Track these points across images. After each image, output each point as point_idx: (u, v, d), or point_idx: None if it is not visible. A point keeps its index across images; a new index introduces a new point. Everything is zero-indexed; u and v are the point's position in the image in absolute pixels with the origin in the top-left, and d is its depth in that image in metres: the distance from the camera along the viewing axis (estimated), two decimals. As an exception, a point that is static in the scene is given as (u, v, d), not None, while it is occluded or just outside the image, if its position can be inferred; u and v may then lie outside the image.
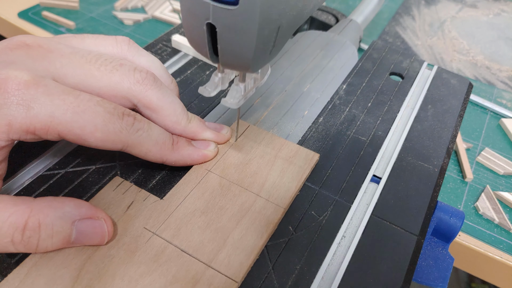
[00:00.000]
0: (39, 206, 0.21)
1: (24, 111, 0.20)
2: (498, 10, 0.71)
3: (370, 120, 0.33)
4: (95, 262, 0.21)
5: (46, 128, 0.21)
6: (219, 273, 0.21)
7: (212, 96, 0.25)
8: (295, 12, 0.21)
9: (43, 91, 0.21)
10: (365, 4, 0.56)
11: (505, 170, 0.44)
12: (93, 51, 0.25)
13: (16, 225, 0.20)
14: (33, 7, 0.63)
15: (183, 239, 0.23)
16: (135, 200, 0.24)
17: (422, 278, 0.26)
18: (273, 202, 0.25)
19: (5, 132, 0.20)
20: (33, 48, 0.23)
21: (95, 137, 0.22)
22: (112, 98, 0.24)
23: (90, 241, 0.22)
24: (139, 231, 0.23)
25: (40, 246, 0.21)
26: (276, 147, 0.29)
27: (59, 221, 0.21)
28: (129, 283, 0.21)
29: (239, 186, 0.26)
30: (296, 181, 0.27)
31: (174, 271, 0.21)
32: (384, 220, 0.25)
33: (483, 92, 0.55)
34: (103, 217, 0.22)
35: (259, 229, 0.24)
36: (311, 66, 0.39)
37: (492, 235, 0.39)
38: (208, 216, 0.24)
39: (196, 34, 0.20)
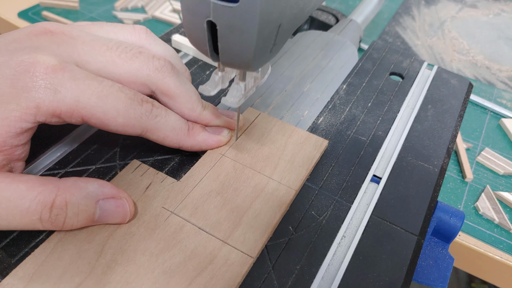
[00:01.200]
0: (65, 186, 0.22)
1: (52, 94, 0.21)
2: (498, 10, 0.71)
3: (370, 120, 0.33)
4: (117, 238, 0.23)
5: (71, 112, 0.22)
6: (235, 249, 0.23)
7: (212, 95, 0.25)
8: (296, 10, 0.21)
9: (69, 76, 0.22)
10: (365, 4, 0.56)
11: (505, 170, 0.44)
12: (113, 39, 0.25)
13: (44, 203, 0.21)
14: (33, 7, 0.63)
15: (200, 218, 0.24)
16: (153, 182, 0.26)
17: (422, 278, 0.26)
18: (285, 185, 0.26)
19: (33, 114, 0.21)
20: (56, 35, 0.24)
21: (117, 122, 0.23)
22: (131, 85, 0.25)
23: (112, 219, 0.23)
24: (157, 210, 0.24)
25: (66, 224, 0.22)
26: (286, 134, 0.30)
27: (84, 200, 0.22)
28: (150, 257, 0.22)
29: (252, 170, 0.27)
30: (306, 165, 0.28)
31: (192, 247, 0.22)
32: (384, 220, 0.25)
33: (483, 92, 0.55)
34: (125, 197, 0.23)
35: (273, 209, 0.25)
36: (311, 66, 0.39)
37: (492, 235, 0.39)
38: (224, 196, 0.25)
39: (196, 33, 0.20)
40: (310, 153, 0.28)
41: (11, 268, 0.21)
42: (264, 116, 0.31)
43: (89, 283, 0.21)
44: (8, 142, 0.21)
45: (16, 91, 0.21)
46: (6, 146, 0.21)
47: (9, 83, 0.21)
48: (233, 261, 0.22)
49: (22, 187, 0.21)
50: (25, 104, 0.21)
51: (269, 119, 0.31)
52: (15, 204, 0.20)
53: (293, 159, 0.28)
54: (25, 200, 0.21)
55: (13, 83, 0.21)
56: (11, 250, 0.22)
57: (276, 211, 0.25)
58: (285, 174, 0.27)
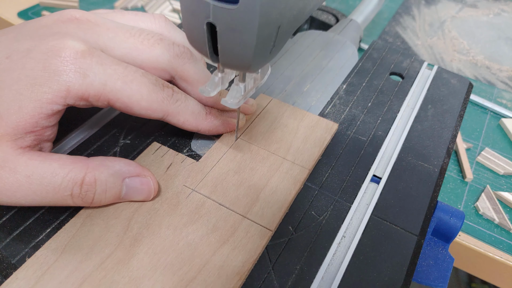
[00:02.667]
0: (94, 164, 0.23)
1: (81, 78, 0.22)
2: (498, 10, 0.71)
3: (370, 120, 0.33)
4: (142, 214, 0.24)
5: (99, 96, 0.23)
6: (254, 223, 0.24)
7: (212, 96, 0.25)
8: (295, 11, 0.21)
9: (96, 61, 0.23)
10: (365, 4, 0.56)
11: (505, 170, 0.44)
12: (135, 26, 0.27)
13: (75, 180, 0.22)
14: (33, 7, 0.63)
15: (220, 195, 0.25)
16: (173, 162, 0.27)
17: (422, 278, 0.26)
18: (298, 164, 0.28)
19: (63, 97, 0.22)
20: (82, 22, 0.25)
21: (140, 106, 0.24)
22: (152, 70, 0.26)
23: (138, 196, 0.24)
24: (179, 188, 0.25)
25: (95, 200, 0.23)
26: (298, 118, 0.31)
27: (112, 178, 0.23)
28: (175, 231, 0.23)
29: (266, 151, 0.28)
30: (318, 147, 0.29)
31: (214, 221, 0.24)
32: (384, 220, 0.25)
33: (483, 92, 0.55)
34: (149, 175, 0.24)
35: (288, 187, 0.26)
36: (311, 66, 0.39)
37: (492, 235, 0.39)
38: (241, 175, 0.27)
39: (196, 34, 0.20)
40: (322, 136, 0.30)
41: (11, 268, 0.21)
42: (276, 101, 0.33)
43: (118, 254, 0.22)
44: (40, 123, 0.22)
45: (48, 74, 0.22)
46: (37, 127, 0.22)
47: (42, 67, 0.22)
48: (253, 234, 0.23)
49: (55, 165, 0.22)
50: (56, 87, 0.22)
51: (281, 104, 0.32)
52: (49, 180, 0.22)
53: (305, 141, 0.29)
54: (57, 177, 0.22)
55: (45, 66, 0.22)
56: (11, 250, 0.22)
57: (291, 189, 0.26)
58: (298, 155, 0.28)
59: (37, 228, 0.23)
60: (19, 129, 0.22)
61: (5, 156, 0.21)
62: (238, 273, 0.22)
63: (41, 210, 0.24)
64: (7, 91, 0.22)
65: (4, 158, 0.21)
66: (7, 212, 0.24)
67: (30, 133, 0.22)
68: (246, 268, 0.22)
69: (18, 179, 0.21)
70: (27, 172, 0.21)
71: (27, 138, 0.22)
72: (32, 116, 0.22)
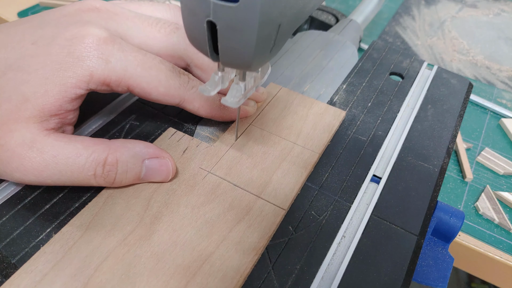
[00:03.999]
0: (115, 146, 0.24)
1: (104, 64, 0.23)
2: (498, 10, 0.71)
3: (370, 120, 0.33)
4: (161, 194, 0.25)
5: (119, 81, 0.24)
6: (268, 203, 0.25)
7: (212, 95, 0.25)
8: (296, 10, 0.21)
9: (118, 48, 0.24)
10: (365, 4, 0.56)
11: (505, 170, 0.44)
12: (152, 16, 0.27)
13: (98, 161, 0.23)
14: (33, 7, 0.63)
15: (234, 176, 0.26)
16: (189, 146, 0.28)
17: (422, 278, 0.26)
18: (308, 149, 0.29)
19: (86, 82, 0.23)
20: (102, 11, 0.26)
21: (158, 91, 0.25)
22: (168, 58, 0.27)
23: (157, 177, 0.25)
24: (195, 170, 0.27)
25: (117, 180, 0.24)
26: (307, 105, 0.32)
27: (132, 159, 0.24)
28: (193, 209, 0.24)
29: (277, 136, 0.29)
30: (327, 132, 0.30)
31: (230, 200, 0.25)
32: (384, 220, 0.25)
33: (483, 92, 0.55)
34: (168, 157, 0.25)
35: (299, 169, 0.27)
36: (311, 66, 0.39)
37: (492, 235, 0.39)
38: (254, 159, 0.28)
39: (196, 32, 0.20)
40: (330, 122, 0.31)
41: (11, 268, 0.21)
42: (285, 90, 0.34)
43: (139, 231, 0.23)
44: (64, 107, 0.23)
45: (72, 60, 0.23)
46: (61, 110, 0.23)
47: (66, 53, 0.23)
48: (267, 212, 0.25)
49: (79, 146, 0.23)
50: (80, 72, 0.23)
51: (290, 92, 0.34)
52: (73, 161, 0.23)
53: (315, 127, 0.30)
54: (81, 158, 0.23)
55: (69, 52, 0.23)
56: (11, 250, 0.22)
57: (302, 171, 0.27)
58: (308, 140, 0.29)
59: (37, 228, 0.23)
60: (45, 112, 0.23)
61: (33, 137, 0.22)
62: (254, 249, 0.23)
63: (41, 210, 0.24)
64: (33, 75, 0.23)
65: (32, 139, 0.22)
66: (7, 212, 0.24)
67: (55, 116, 0.23)
68: (261, 244, 0.23)
69: (45, 159, 0.22)
70: (53, 152, 0.22)
71: (51, 121, 0.23)
72: (57, 100, 0.23)
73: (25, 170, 0.22)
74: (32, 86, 0.23)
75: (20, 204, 0.24)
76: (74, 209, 0.24)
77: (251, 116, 0.31)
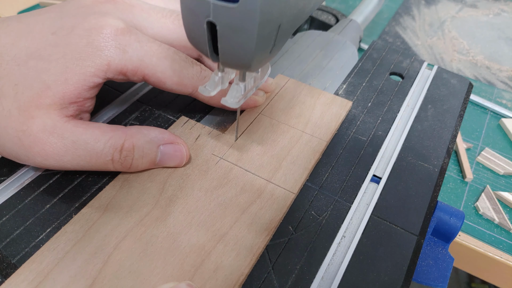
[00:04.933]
0: (131, 132, 0.25)
1: (121, 53, 0.24)
2: (498, 10, 0.71)
3: (370, 120, 0.33)
4: (175, 178, 0.26)
5: (135, 70, 0.25)
6: (278, 187, 0.26)
7: (212, 95, 0.25)
8: (296, 10, 0.21)
9: (134, 38, 0.25)
10: (365, 4, 0.56)
11: (505, 170, 0.44)
12: (166, 7, 0.28)
13: (115, 146, 0.24)
14: (33, 7, 0.63)
15: (246, 162, 0.27)
16: (201, 134, 0.29)
17: (422, 278, 0.26)
18: (317, 137, 0.30)
19: (104, 71, 0.24)
20: (119, 3, 0.27)
21: (172, 81, 0.26)
22: (182, 49, 0.28)
23: (171, 162, 0.26)
24: (208, 156, 0.28)
25: (133, 165, 0.25)
26: (314, 96, 0.33)
27: (148, 144, 0.25)
28: (206, 193, 0.25)
29: (286, 125, 0.30)
30: (334, 121, 0.31)
31: (242, 184, 0.26)
32: (384, 220, 0.25)
33: (483, 92, 0.55)
34: (182, 143, 0.26)
35: (307, 156, 0.28)
36: (311, 66, 0.39)
37: (492, 235, 0.39)
38: (264, 146, 0.29)
39: (196, 33, 0.20)
40: (337, 112, 0.32)
41: (11, 268, 0.21)
42: (293, 81, 0.35)
43: (155, 212, 0.24)
44: (82, 95, 0.24)
45: (91, 50, 0.24)
46: (80, 98, 0.24)
47: (85, 43, 0.24)
48: (278, 196, 0.26)
49: (97, 132, 0.24)
50: (99, 61, 0.24)
51: (298, 83, 0.34)
52: (92, 146, 0.24)
53: (322, 116, 0.31)
54: (99, 144, 0.24)
55: (88, 42, 0.24)
56: (11, 250, 0.22)
57: (311, 158, 0.28)
58: (316, 129, 0.30)
59: (37, 228, 0.23)
60: (65, 99, 0.24)
61: (54, 123, 0.23)
62: (266, 229, 0.24)
63: (41, 210, 0.24)
64: (54, 64, 0.23)
65: (53, 125, 0.23)
66: (7, 212, 0.24)
67: (74, 103, 0.24)
68: (273, 225, 0.24)
69: (65, 144, 0.23)
70: (73, 138, 0.23)
71: (70, 108, 0.24)
72: (77, 88, 0.24)
73: (46, 155, 0.23)
74: (53, 74, 0.23)
75: (20, 204, 0.24)
76: (74, 209, 0.24)
77: (261, 106, 0.32)
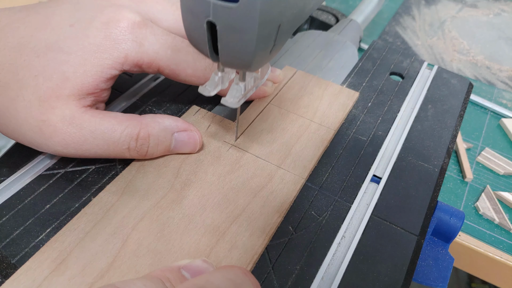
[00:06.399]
0: (146, 121, 0.26)
1: (138, 46, 0.25)
2: (498, 10, 0.71)
3: (370, 120, 0.33)
4: (189, 164, 0.27)
5: (151, 63, 0.26)
6: (288, 172, 0.27)
7: (212, 95, 0.25)
8: (296, 10, 0.21)
9: (150, 32, 0.25)
10: (365, 4, 0.56)
11: (505, 170, 0.44)
12: None
13: (131, 135, 0.25)
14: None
15: (256, 149, 0.28)
16: (212, 122, 0.30)
17: (422, 278, 0.26)
18: (325, 126, 0.31)
19: (121, 63, 0.25)
20: None
21: (186, 73, 0.27)
22: None
23: (185, 148, 0.27)
24: (219, 143, 0.29)
25: (149, 152, 0.26)
26: (322, 87, 0.34)
27: (163, 133, 0.26)
28: (219, 177, 0.26)
29: (295, 114, 0.31)
30: (342, 111, 0.32)
31: (253, 169, 0.27)
32: (384, 220, 0.25)
33: (483, 92, 0.55)
34: (195, 130, 0.27)
35: (316, 144, 0.29)
36: (311, 66, 0.39)
37: (492, 235, 0.39)
38: (274, 134, 0.30)
39: (196, 33, 0.20)
40: (344, 102, 0.33)
41: (11, 268, 0.21)
42: (301, 72, 0.36)
43: (171, 195, 0.25)
44: (100, 86, 0.25)
45: (109, 42, 0.24)
46: (97, 89, 0.25)
47: (103, 36, 0.24)
48: (288, 180, 0.26)
49: (113, 121, 0.25)
50: (116, 54, 0.25)
51: (305, 75, 0.35)
52: (109, 135, 0.24)
53: (330, 106, 0.32)
54: (116, 133, 0.25)
55: (106, 35, 0.25)
56: (11, 250, 0.22)
57: (319, 146, 0.29)
58: (324, 118, 0.31)
59: (37, 228, 0.23)
60: (83, 90, 0.24)
61: (73, 113, 0.24)
62: (278, 211, 0.25)
63: (41, 210, 0.24)
64: (73, 56, 0.24)
65: (71, 115, 0.24)
66: (7, 212, 0.24)
67: (91, 94, 0.25)
68: (284, 208, 0.25)
69: (84, 134, 0.24)
70: (91, 128, 0.24)
71: (88, 99, 0.25)
72: (95, 79, 0.24)
73: (66, 144, 0.24)
74: (72, 66, 0.24)
75: (20, 204, 0.24)
76: (74, 209, 0.24)
77: (270, 96, 0.33)
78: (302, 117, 0.31)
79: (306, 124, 0.31)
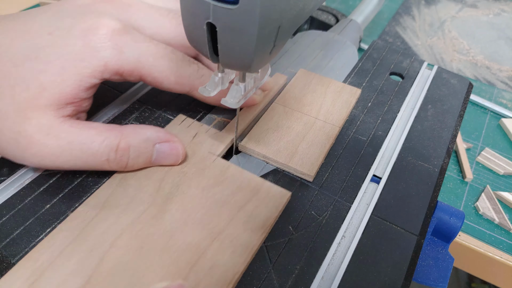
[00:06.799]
0: (127, 131, 0.25)
1: (118, 54, 0.24)
2: (498, 10, 0.71)
3: (370, 120, 0.33)
4: (172, 176, 0.26)
5: (132, 71, 0.25)
6: (274, 185, 0.26)
7: (212, 96, 0.25)
8: (296, 11, 0.21)
9: (131, 39, 0.25)
10: (365, 4, 0.56)
11: (505, 170, 0.44)
12: (163, 6, 0.28)
13: (111, 146, 0.24)
14: (33, 7, 0.63)
15: (263, 148, 0.28)
16: (198, 132, 0.29)
17: (422, 278, 0.26)
18: (329, 123, 0.31)
19: (101, 71, 0.24)
20: (116, 2, 0.27)
21: (169, 80, 0.26)
22: (179, 48, 0.28)
23: (167, 160, 0.26)
24: (205, 154, 0.28)
25: (129, 164, 0.25)
26: (325, 84, 0.35)
27: (144, 144, 0.25)
28: (202, 191, 0.25)
29: (299, 112, 0.32)
30: (345, 108, 0.32)
31: (238, 183, 0.26)
32: (384, 220, 0.25)
33: (483, 92, 0.55)
34: (178, 141, 0.26)
35: (322, 141, 0.29)
36: (311, 66, 0.39)
37: (492, 235, 0.39)
38: (279, 132, 0.30)
39: (196, 34, 0.20)
40: (347, 99, 0.33)
41: (11, 268, 0.21)
42: (303, 71, 0.36)
43: (152, 210, 0.24)
44: (79, 95, 0.24)
45: (88, 50, 0.24)
46: (77, 99, 0.24)
47: (82, 43, 0.24)
48: (274, 194, 0.26)
49: (92, 132, 0.24)
50: (95, 62, 0.24)
51: (308, 73, 0.36)
52: (88, 146, 0.24)
53: (334, 104, 0.33)
54: (95, 144, 0.24)
55: (85, 43, 0.24)
56: (11, 250, 0.22)
57: (325, 142, 0.29)
58: (329, 115, 0.32)
59: (37, 228, 0.23)
60: (61, 100, 0.24)
61: (50, 124, 0.23)
62: (262, 227, 0.24)
63: (41, 210, 0.24)
64: (51, 65, 0.23)
65: (48, 125, 0.23)
66: (7, 212, 0.24)
67: (71, 104, 0.24)
68: (268, 223, 0.24)
69: (61, 145, 0.23)
70: (68, 138, 0.23)
71: (67, 108, 0.24)
72: (73, 89, 0.24)
73: (42, 156, 0.23)
74: (50, 75, 0.23)
75: (20, 204, 0.24)
76: (74, 209, 0.24)
77: (273, 95, 0.33)
78: (307, 115, 0.31)
79: (311, 121, 0.31)
